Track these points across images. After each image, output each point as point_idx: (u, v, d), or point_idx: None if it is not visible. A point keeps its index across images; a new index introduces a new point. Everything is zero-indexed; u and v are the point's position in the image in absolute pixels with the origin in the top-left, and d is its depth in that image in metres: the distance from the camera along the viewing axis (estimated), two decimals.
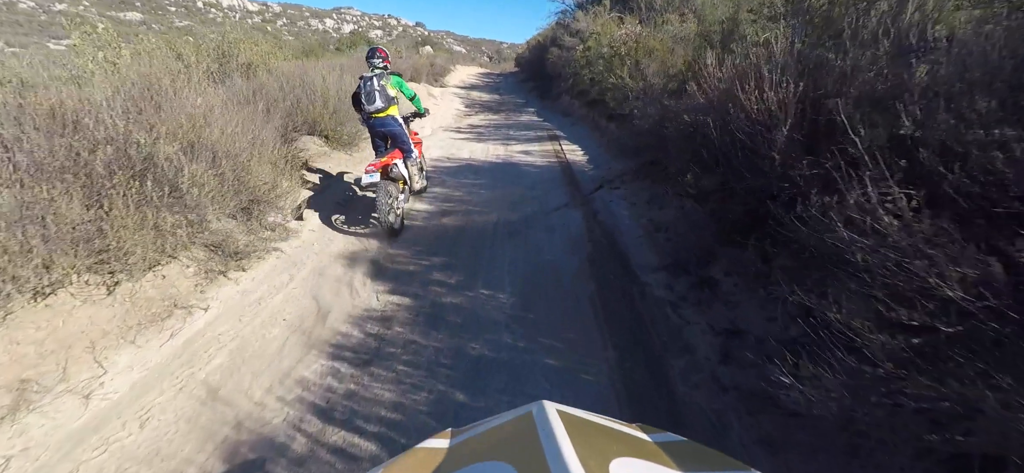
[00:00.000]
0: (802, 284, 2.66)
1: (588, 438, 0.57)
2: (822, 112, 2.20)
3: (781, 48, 2.82)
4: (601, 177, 5.54)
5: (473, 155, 7.05)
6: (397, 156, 4.17)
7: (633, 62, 6.87)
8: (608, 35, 9.31)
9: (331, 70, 8.47)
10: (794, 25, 3.63)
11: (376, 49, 4.07)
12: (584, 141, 7.57)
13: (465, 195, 5.20)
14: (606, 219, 4.28)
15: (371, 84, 3.89)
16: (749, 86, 2.58)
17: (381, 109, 3.96)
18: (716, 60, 3.49)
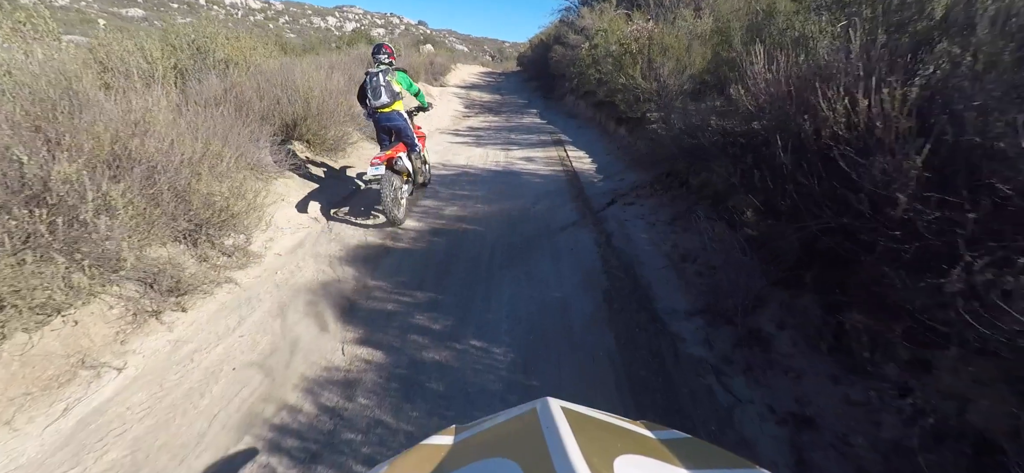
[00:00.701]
0: (894, 356, 2.02)
1: (592, 435, 0.56)
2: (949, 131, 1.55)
3: (860, 42, 2.16)
4: (613, 190, 4.88)
5: (470, 162, 6.39)
6: (401, 149, 4.13)
7: (646, 61, 6.20)
8: (616, 32, 8.63)
9: (318, 68, 7.84)
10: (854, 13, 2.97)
11: (382, 45, 4.15)
12: (592, 147, 6.91)
13: (460, 209, 4.55)
14: (622, 244, 3.62)
15: (377, 79, 3.91)
16: (832, 92, 1.91)
17: (386, 104, 3.97)
18: (764, 57, 2.82)
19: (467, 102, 12.71)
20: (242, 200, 3.57)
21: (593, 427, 0.61)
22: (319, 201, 4.62)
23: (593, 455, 0.48)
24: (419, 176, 4.56)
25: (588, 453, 0.48)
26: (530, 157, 6.53)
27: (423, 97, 4.50)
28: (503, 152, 6.91)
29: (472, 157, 6.65)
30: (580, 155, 6.47)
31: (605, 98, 8.02)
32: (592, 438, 0.54)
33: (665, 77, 6.01)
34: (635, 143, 6.16)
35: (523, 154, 6.73)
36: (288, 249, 3.68)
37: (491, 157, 6.64)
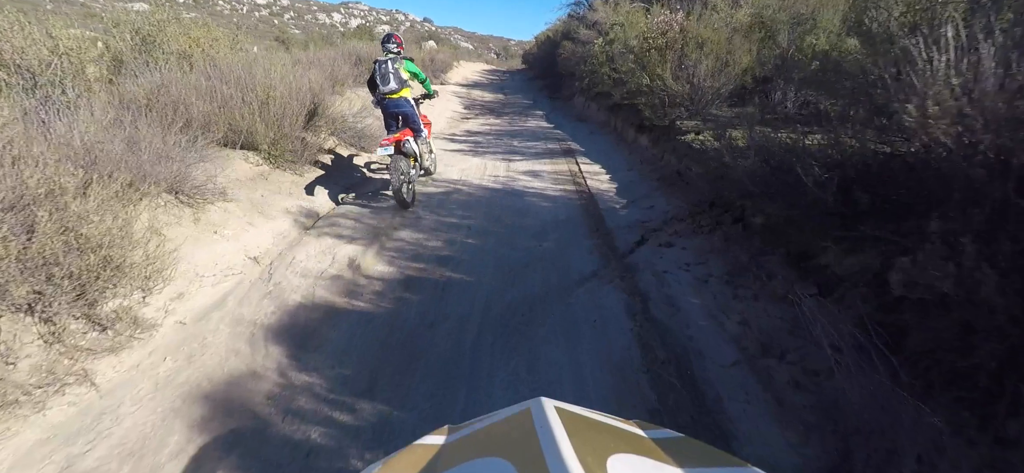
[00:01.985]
0: None
1: (586, 434, 0.56)
2: None
3: None
4: (641, 222, 3.77)
5: (465, 176, 5.30)
6: (408, 134, 4.19)
7: (676, 59, 5.06)
8: (637, 26, 7.48)
9: (296, 63, 6.77)
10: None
11: (391, 35, 4.25)
12: (608, 159, 5.79)
13: (445, 245, 3.46)
14: (666, 315, 2.52)
15: (386, 66, 4.03)
16: None
17: (395, 90, 4.08)
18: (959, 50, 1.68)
19: (467, 102, 11.59)
20: (136, 243, 2.50)
21: (586, 427, 0.60)
22: (265, 232, 3.55)
23: (586, 454, 0.47)
24: (425, 160, 4.60)
25: (581, 452, 0.47)
26: (536, 171, 5.41)
27: (429, 84, 4.55)
28: (504, 163, 5.80)
29: (468, 170, 5.54)
30: (595, 170, 5.35)
31: (623, 101, 6.89)
32: (585, 438, 0.53)
33: (701, 77, 4.87)
34: (662, 156, 5.04)
35: (528, 167, 5.62)
36: (200, 311, 2.61)
37: (490, 170, 5.53)
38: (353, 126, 6.07)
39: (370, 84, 4.28)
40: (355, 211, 4.21)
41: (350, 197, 4.57)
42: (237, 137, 4.46)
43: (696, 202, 3.73)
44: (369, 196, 4.58)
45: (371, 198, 4.50)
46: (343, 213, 4.18)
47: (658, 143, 5.32)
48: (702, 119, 5.23)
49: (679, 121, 5.22)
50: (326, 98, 6.28)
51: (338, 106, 6.43)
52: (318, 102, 5.63)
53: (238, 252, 3.26)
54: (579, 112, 9.69)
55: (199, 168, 3.69)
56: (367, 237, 3.64)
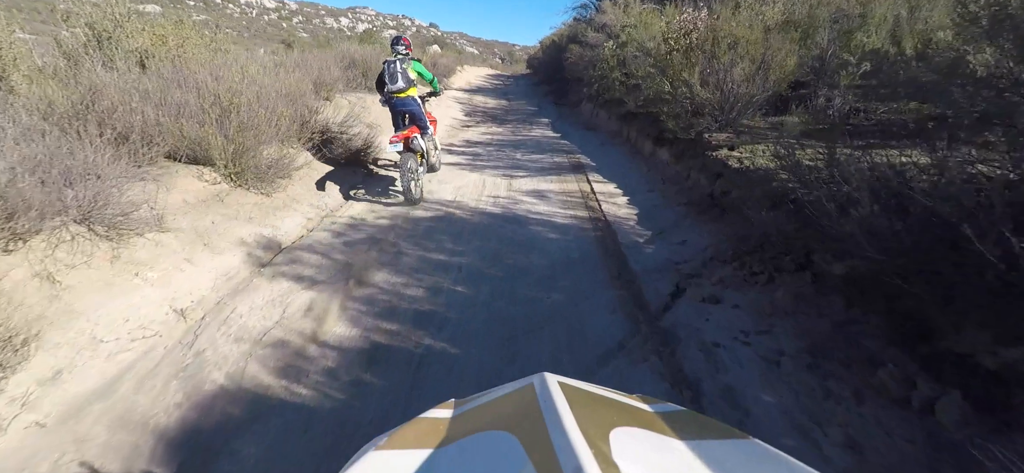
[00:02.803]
0: None
1: (589, 408, 0.56)
2: None
3: None
4: (673, 262, 2.99)
5: (460, 197, 4.53)
6: (415, 131, 4.25)
7: (706, 61, 4.27)
8: (652, 28, 6.70)
9: (278, 66, 6.05)
10: None
11: (400, 37, 4.35)
12: (624, 176, 5.00)
13: (425, 297, 2.69)
14: (732, 423, 1.72)
15: (394, 66, 4.10)
16: None
17: (402, 89, 4.14)
18: None
19: (468, 108, 10.84)
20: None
21: (589, 400, 0.59)
22: (205, 273, 2.80)
23: (589, 428, 0.47)
24: (431, 156, 4.75)
25: (585, 426, 0.47)
26: (542, 191, 4.63)
27: (436, 83, 4.61)
28: (505, 181, 5.03)
29: (463, 189, 4.78)
30: (610, 190, 4.56)
31: (637, 109, 6.10)
32: (588, 411, 0.53)
33: (735, 83, 4.09)
34: (688, 175, 4.25)
35: (532, 186, 4.84)
36: (75, 402, 1.85)
37: (489, 189, 4.76)
38: (338, 136, 5.34)
39: (378, 83, 4.35)
40: (325, 242, 3.46)
41: (361, 192, 4.64)
42: (193, 150, 3.72)
43: (741, 237, 2.94)
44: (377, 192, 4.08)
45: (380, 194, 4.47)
46: (311, 244, 3.42)
47: (682, 159, 4.53)
48: (734, 130, 4.44)
49: (707, 133, 4.43)
50: (310, 104, 5.56)
51: (324, 113, 5.70)
52: (297, 109, 4.90)
53: (161, 303, 2.51)
54: (587, 120, 8.91)
55: (135, 189, 2.96)
56: (333, 279, 2.88)
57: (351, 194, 4.61)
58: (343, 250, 3.32)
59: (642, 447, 0.50)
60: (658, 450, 0.51)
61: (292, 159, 4.54)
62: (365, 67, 8.20)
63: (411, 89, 4.21)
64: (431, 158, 4.76)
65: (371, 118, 7.19)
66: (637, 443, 0.50)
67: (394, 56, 4.20)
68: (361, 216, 4.03)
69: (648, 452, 0.50)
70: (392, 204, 4.28)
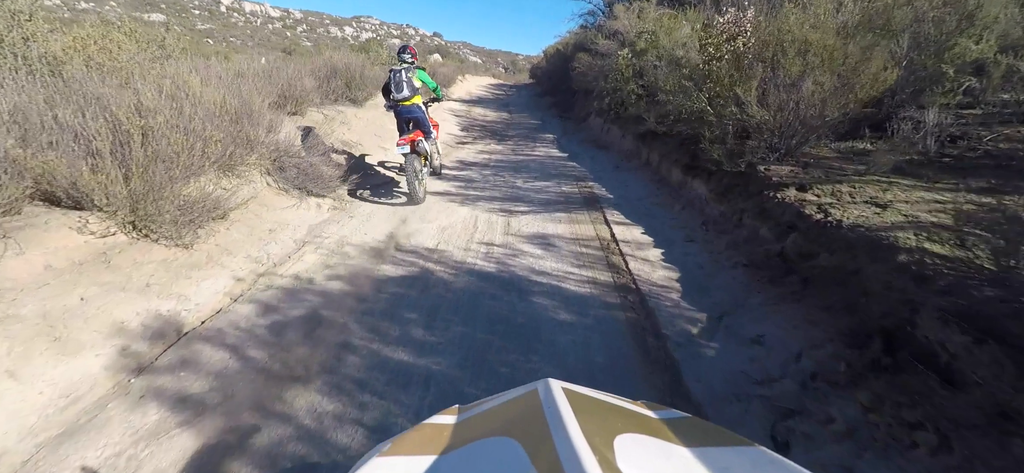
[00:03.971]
0: None
1: (593, 414, 0.54)
2: None
3: None
4: (752, 378, 1.92)
5: (443, 243, 3.50)
6: (420, 135, 4.36)
7: (767, 72, 3.23)
8: (675, 33, 5.69)
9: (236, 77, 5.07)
10: None
11: (406, 46, 4.46)
12: (650, 214, 3.94)
13: (363, 449, 1.63)
14: None
15: (400, 75, 4.23)
16: None
17: (408, 97, 4.25)
18: None
19: (466, 122, 9.84)
20: None
21: (593, 407, 0.58)
22: (21, 400, 1.77)
23: (594, 434, 0.46)
24: (434, 159, 5.01)
25: (589, 432, 0.46)
26: (548, 237, 3.59)
27: (440, 90, 4.89)
28: (503, 220, 3.99)
29: (450, 230, 3.75)
30: (636, 237, 3.50)
31: (661, 129, 5.06)
32: (592, 417, 0.52)
33: (807, 101, 3.04)
34: (739, 218, 3.20)
35: (536, 227, 3.80)
36: None
37: (481, 232, 3.72)
38: (297, 162, 4.32)
39: (385, 91, 4.45)
40: (245, 325, 2.42)
41: (366, 193, 4.70)
42: (74, 192, 2.70)
43: (852, 335, 1.89)
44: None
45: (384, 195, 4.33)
46: (224, 328, 2.39)
47: (728, 196, 3.48)
48: (796, 161, 3.40)
49: (763, 165, 3.38)
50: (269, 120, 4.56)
51: (284, 132, 4.71)
52: (243, 129, 3.89)
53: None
54: (597, 137, 7.89)
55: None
56: (231, 408, 1.84)
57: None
58: (266, 341, 2.29)
59: (647, 454, 0.49)
60: (663, 457, 0.50)
61: (230, 193, 3.53)
62: (348, 77, 7.22)
63: (416, 97, 4.32)
64: (434, 160, 5.00)
65: (350, 135, 6.19)
66: (642, 450, 0.49)
67: (400, 65, 4.31)
68: (310, 273, 3.00)
69: (653, 459, 0.49)
70: (397, 203, 4.41)
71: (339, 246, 3.45)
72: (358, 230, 3.80)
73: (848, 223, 2.42)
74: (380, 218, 4.09)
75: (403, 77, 4.23)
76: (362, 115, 7.00)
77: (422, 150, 4.45)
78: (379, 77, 8.15)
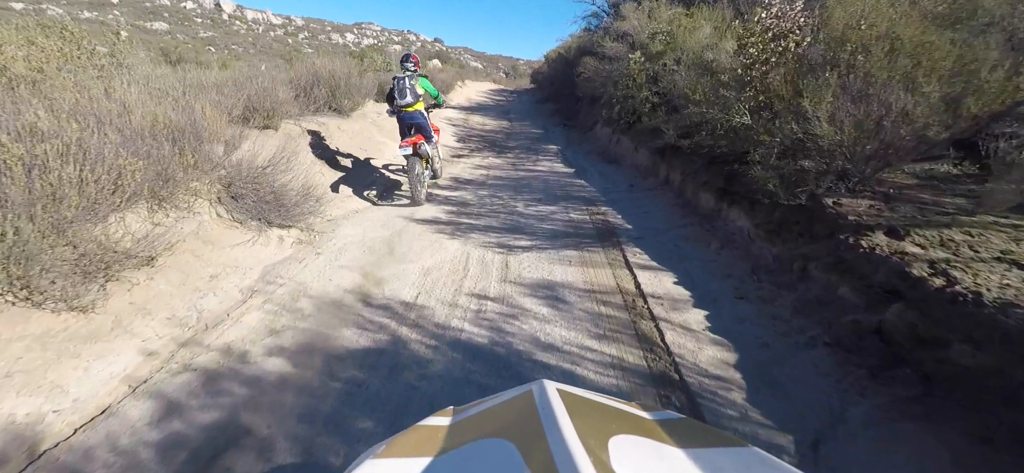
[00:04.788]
0: None
1: (587, 416, 0.54)
2: None
3: None
4: None
5: (424, 294, 2.77)
6: (421, 139, 4.44)
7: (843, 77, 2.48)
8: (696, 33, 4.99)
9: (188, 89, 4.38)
10: None
11: (409, 55, 4.58)
12: (681, 254, 3.18)
13: None
14: None
15: (404, 82, 4.35)
16: None
17: (410, 103, 4.36)
18: None
19: (463, 132, 9.13)
20: None
21: (588, 408, 0.58)
22: None
23: (588, 435, 0.46)
24: (434, 163, 5.11)
25: (583, 433, 0.46)
26: (555, 289, 2.84)
27: (441, 97, 4.80)
28: (500, 260, 3.26)
29: (434, 276, 3.02)
30: (669, 290, 2.74)
31: (684, 144, 4.31)
32: (587, 419, 0.52)
33: (897, 113, 2.30)
34: (802, 268, 2.45)
35: (541, 273, 3.06)
36: None
37: (472, 279, 2.98)
38: (258, 186, 3.60)
39: (388, 97, 4.50)
40: (127, 444, 1.69)
41: (373, 194, 4.84)
42: None
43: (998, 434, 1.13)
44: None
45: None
46: (94, 447, 1.66)
47: (782, 235, 2.74)
48: (872, 192, 2.66)
49: (831, 197, 2.64)
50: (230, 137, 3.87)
51: (247, 150, 4.00)
52: (183, 150, 3.18)
53: None
54: (605, 148, 7.16)
55: None
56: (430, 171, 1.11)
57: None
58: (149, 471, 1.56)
59: (641, 455, 0.49)
60: (657, 458, 0.50)
61: (165, 230, 2.82)
62: (333, 85, 6.53)
63: (418, 103, 4.41)
64: (434, 164, 5.13)
65: (330, 151, 5.48)
66: (636, 451, 0.48)
67: (403, 73, 4.43)
68: (246, 344, 2.28)
69: (647, 460, 0.49)
70: (401, 205, 4.54)
71: (294, 299, 2.73)
72: (323, 273, 3.07)
73: (991, 297, 1.68)
74: (352, 254, 3.37)
75: (406, 84, 4.32)
76: (347, 127, 6.30)
77: (424, 153, 4.54)
78: (366, 86, 7.46)
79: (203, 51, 23.71)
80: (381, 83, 8.29)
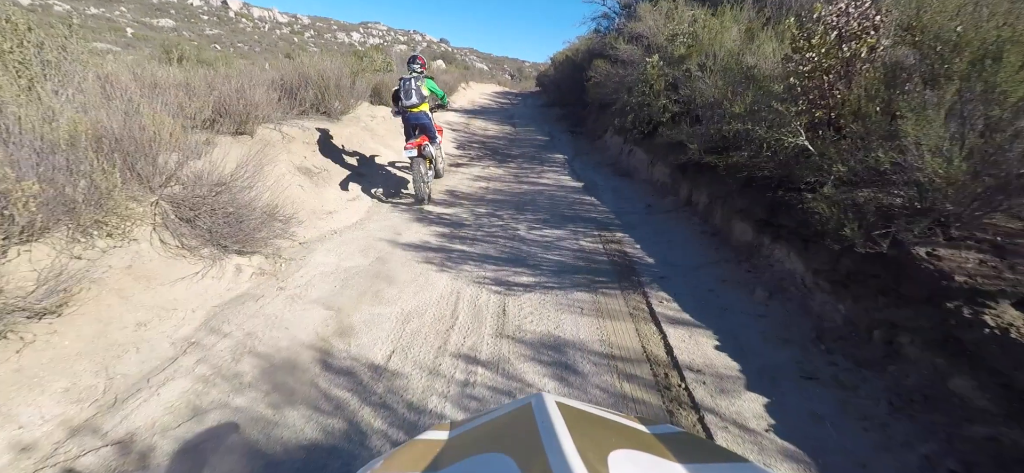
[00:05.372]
0: None
1: (587, 430, 0.54)
2: None
3: None
4: None
5: (400, 352, 2.19)
6: (425, 140, 4.48)
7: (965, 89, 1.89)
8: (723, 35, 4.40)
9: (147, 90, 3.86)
10: None
11: (416, 56, 4.59)
12: (719, 304, 2.57)
13: None
14: None
15: (409, 84, 4.36)
16: None
17: (416, 104, 4.38)
18: None
19: (464, 138, 8.57)
20: None
21: (587, 422, 0.58)
22: None
23: (587, 450, 0.46)
24: (438, 163, 5.16)
25: (583, 448, 0.46)
26: (564, 350, 2.26)
27: (445, 97, 4.90)
28: (496, 304, 2.68)
29: (415, 323, 2.45)
30: (710, 357, 2.14)
31: (714, 163, 3.71)
32: (586, 433, 0.52)
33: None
34: (892, 341, 1.85)
35: (546, 324, 2.48)
36: None
37: (460, 332, 2.41)
38: (214, 203, 3.03)
39: (394, 98, 4.52)
40: None
41: (379, 191, 4.89)
42: None
43: None
44: None
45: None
46: None
47: (851, 288, 2.14)
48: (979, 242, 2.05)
49: (920, 244, 2.04)
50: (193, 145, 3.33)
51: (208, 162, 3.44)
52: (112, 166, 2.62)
53: None
54: (615, 159, 6.57)
55: None
56: None
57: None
58: None
59: (641, 470, 0.48)
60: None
61: (88, 265, 2.26)
62: (322, 86, 5.98)
63: (423, 104, 4.40)
64: (438, 164, 5.18)
65: (315, 158, 4.92)
66: (636, 466, 0.48)
67: (410, 74, 4.44)
68: (154, 435, 1.71)
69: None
70: (404, 203, 4.61)
71: (236, 357, 2.16)
72: (281, 315, 2.51)
73: None
74: (322, 289, 2.80)
75: (412, 85, 4.32)
76: (336, 132, 5.75)
77: (428, 154, 4.56)
78: (360, 88, 6.91)
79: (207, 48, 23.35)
80: (377, 84, 7.74)
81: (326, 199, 4.44)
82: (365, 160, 5.62)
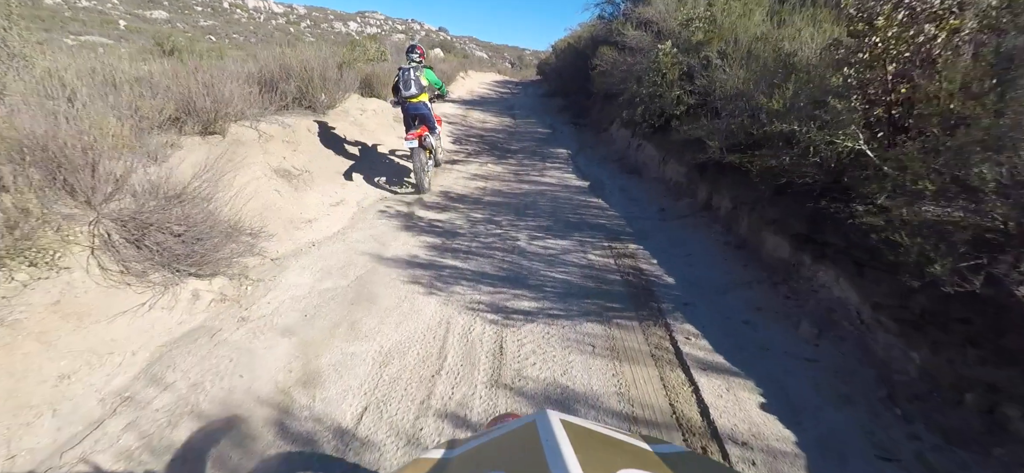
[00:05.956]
0: None
1: (592, 449, 0.52)
2: None
3: None
4: None
5: (373, 409, 1.78)
6: (425, 131, 4.43)
7: None
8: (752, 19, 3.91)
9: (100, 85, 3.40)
10: None
11: (415, 46, 4.54)
12: (757, 343, 2.15)
13: None
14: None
15: (408, 74, 4.33)
16: None
17: (415, 95, 4.35)
18: None
19: (461, 131, 8.08)
20: None
21: (593, 441, 0.56)
22: None
23: (592, 470, 0.45)
24: (437, 153, 5.22)
25: (588, 467, 0.45)
26: (573, 408, 1.86)
27: (444, 88, 4.88)
28: (492, 339, 2.27)
29: (394, 367, 2.04)
30: (756, 422, 1.72)
31: (739, 162, 3.25)
32: (591, 452, 0.50)
33: None
34: (993, 410, 1.42)
35: (551, 369, 2.07)
36: None
37: (447, 380, 2.00)
38: (166, 218, 2.61)
39: (394, 89, 4.46)
40: None
41: (383, 181, 4.83)
42: None
43: None
44: None
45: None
46: None
47: (932, 335, 1.72)
48: None
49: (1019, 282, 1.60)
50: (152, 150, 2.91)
51: (165, 169, 3.02)
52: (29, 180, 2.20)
53: None
54: (623, 154, 6.11)
55: None
56: None
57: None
58: None
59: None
60: None
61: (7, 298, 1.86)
62: (305, 79, 5.51)
63: (422, 94, 4.38)
64: (437, 154, 5.18)
65: (295, 158, 4.48)
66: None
67: (408, 64, 4.41)
68: None
69: None
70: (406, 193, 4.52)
71: (173, 421, 1.76)
72: (240, 355, 2.11)
73: None
74: (289, 318, 2.40)
75: (411, 75, 4.30)
76: (321, 128, 5.30)
77: (428, 145, 4.53)
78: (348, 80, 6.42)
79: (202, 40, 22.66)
80: (367, 75, 7.25)
81: (306, 205, 4.01)
82: (353, 156, 5.18)
